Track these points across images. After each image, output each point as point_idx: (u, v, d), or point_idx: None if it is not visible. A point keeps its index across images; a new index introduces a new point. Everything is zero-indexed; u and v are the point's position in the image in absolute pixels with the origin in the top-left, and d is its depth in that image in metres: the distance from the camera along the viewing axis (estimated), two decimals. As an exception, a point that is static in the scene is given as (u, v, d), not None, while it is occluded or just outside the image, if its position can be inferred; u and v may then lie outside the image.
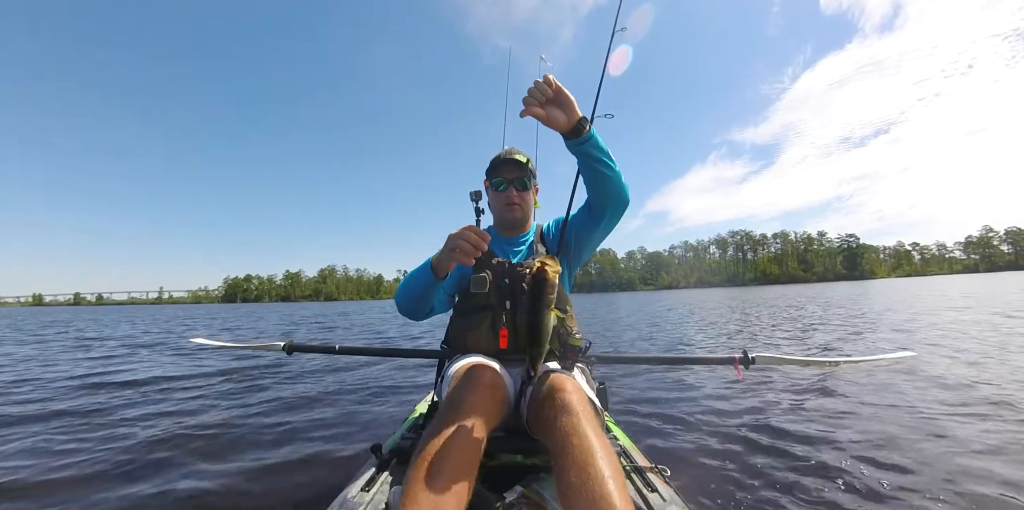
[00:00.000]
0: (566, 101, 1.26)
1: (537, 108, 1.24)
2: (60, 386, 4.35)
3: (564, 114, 1.27)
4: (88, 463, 2.30)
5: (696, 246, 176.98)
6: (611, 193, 1.45)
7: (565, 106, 1.26)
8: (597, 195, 1.49)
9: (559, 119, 1.27)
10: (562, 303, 1.58)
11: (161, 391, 3.90)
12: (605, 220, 1.55)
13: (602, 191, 1.46)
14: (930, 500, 1.78)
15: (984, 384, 3.44)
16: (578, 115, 1.28)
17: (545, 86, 1.22)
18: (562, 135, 1.33)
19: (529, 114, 1.25)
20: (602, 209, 1.52)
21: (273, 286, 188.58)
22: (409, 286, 1.51)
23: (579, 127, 1.29)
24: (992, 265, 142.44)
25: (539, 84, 1.23)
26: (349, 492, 1.14)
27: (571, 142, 1.33)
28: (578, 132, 1.30)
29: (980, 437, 2.40)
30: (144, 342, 8.90)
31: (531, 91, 1.24)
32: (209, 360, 5.52)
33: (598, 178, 1.40)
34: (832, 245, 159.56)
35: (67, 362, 6.10)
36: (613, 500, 0.87)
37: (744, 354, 1.66)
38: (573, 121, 1.28)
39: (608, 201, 1.48)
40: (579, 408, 1.09)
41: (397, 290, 1.57)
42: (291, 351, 2.02)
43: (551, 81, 1.23)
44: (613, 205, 1.50)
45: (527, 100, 1.24)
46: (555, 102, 1.26)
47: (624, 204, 1.50)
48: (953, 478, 1.95)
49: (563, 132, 1.31)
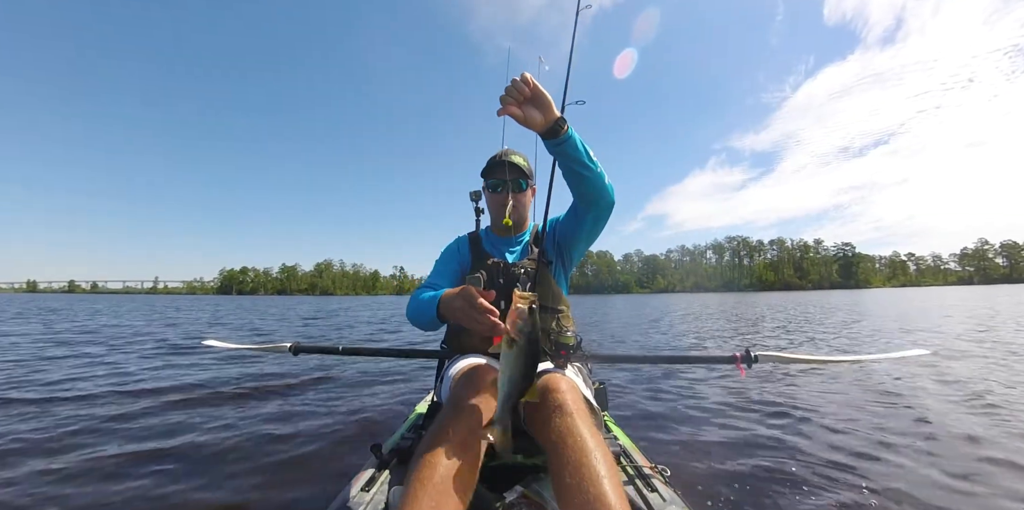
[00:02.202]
0: (543, 101, 1.23)
1: (514, 107, 1.21)
2: (58, 384, 4.30)
3: (541, 114, 1.23)
4: (87, 462, 2.29)
5: (693, 250, 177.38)
6: (593, 194, 1.42)
7: (542, 106, 1.23)
8: (579, 196, 1.47)
9: (536, 119, 1.24)
10: (558, 303, 1.59)
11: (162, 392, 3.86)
12: (591, 221, 1.53)
13: (584, 192, 1.42)
14: (933, 500, 1.77)
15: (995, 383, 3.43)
16: (555, 115, 1.24)
17: (522, 85, 1.19)
18: (540, 136, 1.30)
19: (506, 113, 1.22)
20: (586, 210, 1.50)
21: (269, 279, 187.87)
22: (417, 313, 1.47)
23: (556, 127, 1.25)
24: (986, 277, 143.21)
25: (516, 82, 1.20)
26: (349, 492, 1.14)
27: (549, 143, 1.30)
28: (555, 133, 1.26)
29: (992, 437, 2.39)
30: (155, 340, 8.82)
31: (508, 90, 1.21)
32: (213, 360, 5.47)
33: (578, 179, 1.37)
34: (828, 253, 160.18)
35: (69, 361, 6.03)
36: (609, 500, 0.88)
37: (746, 352, 1.64)
38: (550, 121, 1.24)
39: (591, 202, 1.45)
40: (574, 408, 1.09)
41: (408, 307, 1.54)
42: (297, 352, 2.04)
43: (528, 80, 1.20)
44: (597, 206, 1.46)
45: (504, 99, 1.21)
46: (532, 101, 1.23)
47: (608, 205, 1.46)
48: (958, 478, 1.95)
49: (540, 132, 1.28)
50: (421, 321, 1.47)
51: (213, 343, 2.37)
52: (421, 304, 1.43)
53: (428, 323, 1.42)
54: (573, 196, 1.49)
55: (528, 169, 1.71)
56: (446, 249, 1.79)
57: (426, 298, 1.42)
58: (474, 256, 1.69)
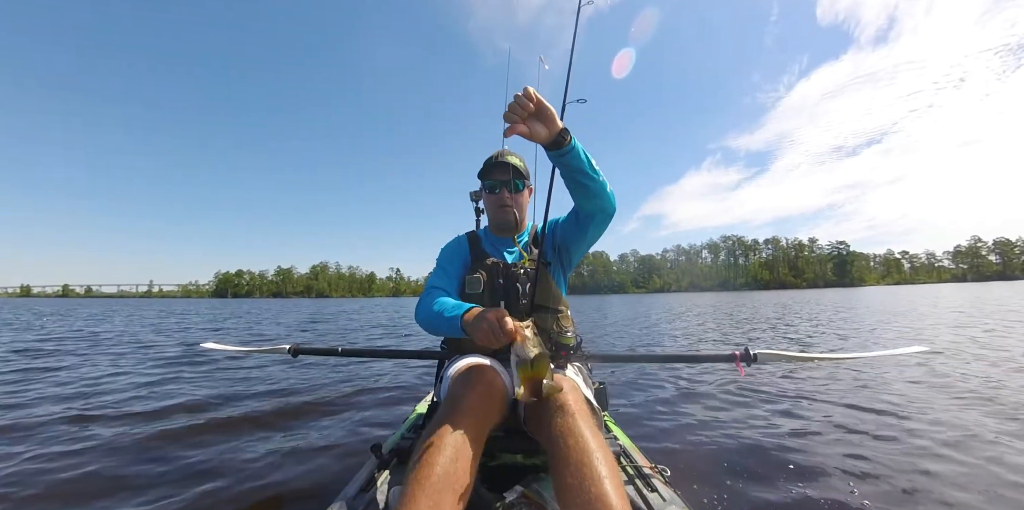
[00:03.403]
0: (547, 114, 1.22)
1: (520, 125, 1.21)
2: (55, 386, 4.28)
3: (545, 128, 1.24)
4: (86, 462, 2.27)
5: (689, 250, 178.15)
6: (595, 203, 1.43)
7: (546, 119, 1.23)
8: (581, 205, 1.47)
9: (540, 132, 1.24)
10: (557, 303, 1.59)
11: (162, 393, 3.85)
12: (592, 228, 1.54)
13: (586, 201, 1.43)
14: (935, 500, 1.77)
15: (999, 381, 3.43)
16: (559, 127, 1.24)
17: (526, 100, 1.19)
18: (543, 147, 1.30)
19: (513, 134, 1.22)
20: (588, 218, 1.51)
21: (264, 282, 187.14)
22: (434, 325, 1.46)
23: (560, 139, 1.25)
24: (980, 275, 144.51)
25: (519, 99, 1.19)
26: (349, 492, 1.14)
27: (552, 154, 1.30)
28: (559, 144, 1.26)
29: (998, 436, 2.38)
30: (152, 345, 8.76)
31: (512, 107, 1.20)
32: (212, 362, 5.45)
33: (580, 188, 1.37)
34: (823, 252, 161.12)
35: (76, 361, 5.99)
36: (610, 500, 0.87)
37: (746, 351, 1.63)
38: (554, 133, 1.24)
39: (593, 211, 1.46)
40: (575, 408, 1.09)
41: (422, 316, 1.52)
42: (296, 354, 2.02)
43: (532, 95, 1.19)
44: (598, 215, 1.48)
45: (509, 117, 1.20)
46: (536, 115, 1.23)
47: (609, 214, 1.48)
48: (962, 476, 1.94)
49: (544, 144, 1.28)
50: (437, 332, 1.47)
51: (212, 346, 2.35)
52: (441, 320, 1.41)
53: (444, 330, 1.43)
54: (575, 204, 1.50)
55: (525, 170, 1.71)
56: (447, 248, 1.78)
57: (447, 314, 1.39)
58: (473, 256, 1.69)
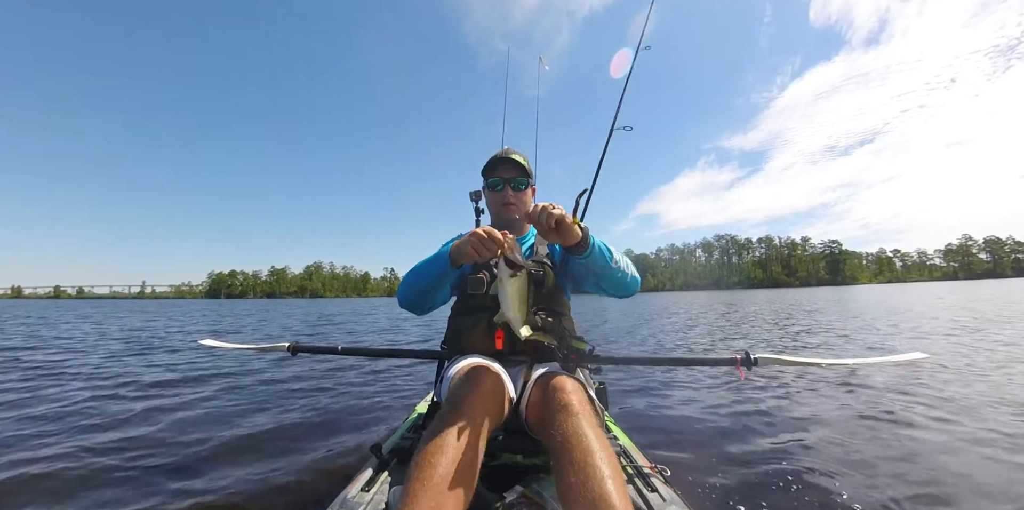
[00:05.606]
0: (565, 229, 1.22)
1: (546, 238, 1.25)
2: (46, 385, 4.24)
3: (562, 240, 1.25)
4: (85, 462, 2.25)
5: (682, 249, 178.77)
6: (614, 292, 1.52)
7: (564, 233, 1.23)
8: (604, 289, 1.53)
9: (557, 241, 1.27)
10: (561, 306, 1.59)
11: (162, 392, 3.81)
12: (605, 294, 1.59)
13: (608, 288, 1.51)
14: (934, 501, 1.78)
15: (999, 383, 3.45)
16: (578, 236, 1.25)
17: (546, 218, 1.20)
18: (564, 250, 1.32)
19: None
20: (606, 292, 1.56)
21: (258, 282, 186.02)
22: (420, 275, 1.47)
23: (580, 244, 1.27)
24: (971, 273, 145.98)
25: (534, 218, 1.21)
26: (349, 492, 1.13)
27: (574, 259, 1.31)
28: (580, 248, 1.28)
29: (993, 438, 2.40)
30: (149, 339, 8.69)
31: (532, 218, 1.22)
32: (211, 361, 5.40)
33: (603, 281, 1.45)
34: (816, 251, 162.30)
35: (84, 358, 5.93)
36: (612, 500, 0.87)
37: (746, 355, 1.63)
38: (572, 242, 1.26)
39: (615, 294, 1.54)
40: (579, 408, 1.09)
41: (403, 281, 1.53)
42: (295, 352, 2.00)
43: (551, 213, 1.20)
44: (618, 296, 1.55)
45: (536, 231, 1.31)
46: (555, 230, 1.23)
47: (628, 296, 1.55)
48: (960, 479, 1.95)
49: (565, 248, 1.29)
50: (426, 281, 1.47)
51: (210, 343, 2.32)
52: (426, 265, 1.45)
53: (434, 276, 1.44)
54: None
55: (528, 168, 1.70)
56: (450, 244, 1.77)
57: (429, 258, 1.45)
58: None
